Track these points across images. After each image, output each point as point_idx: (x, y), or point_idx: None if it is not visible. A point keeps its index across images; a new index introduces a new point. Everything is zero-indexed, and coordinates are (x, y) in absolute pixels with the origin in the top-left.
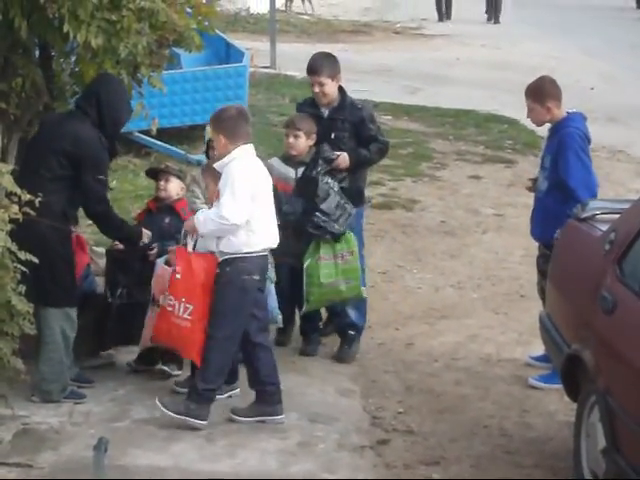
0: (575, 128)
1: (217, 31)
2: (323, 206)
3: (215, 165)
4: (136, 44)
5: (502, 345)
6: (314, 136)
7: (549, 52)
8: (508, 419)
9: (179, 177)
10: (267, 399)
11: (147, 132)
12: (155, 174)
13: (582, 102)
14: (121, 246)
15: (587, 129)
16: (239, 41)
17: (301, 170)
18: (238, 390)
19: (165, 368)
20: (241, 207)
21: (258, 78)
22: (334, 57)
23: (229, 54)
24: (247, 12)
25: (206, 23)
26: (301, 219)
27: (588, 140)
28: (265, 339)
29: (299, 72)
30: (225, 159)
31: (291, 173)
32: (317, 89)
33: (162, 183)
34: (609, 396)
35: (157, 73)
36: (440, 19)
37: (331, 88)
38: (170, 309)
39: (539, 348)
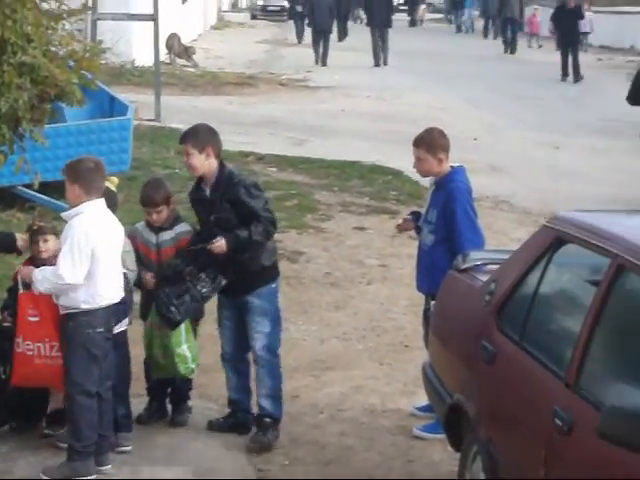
0: (461, 182)
1: (100, 84)
2: (168, 290)
3: (62, 215)
4: (17, 99)
5: (387, 396)
6: (173, 199)
7: (433, 103)
8: (393, 470)
9: (55, 233)
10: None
11: (30, 186)
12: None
13: (466, 152)
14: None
15: (469, 182)
16: (124, 94)
17: (162, 235)
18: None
19: (49, 432)
20: (78, 266)
21: (143, 131)
22: (207, 129)
23: (113, 107)
24: (132, 65)
25: (89, 77)
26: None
27: (471, 193)
28: (105, 391)
29: (184, 125)
30: (72, 211)
31: (153, 239)
32: (184, 158)
33: (41, 244)
34: (491, 446)
35: (39, 127)
36: (317, 62)
37: (198, 160)
38: (31, 353)
39: (423, 398)
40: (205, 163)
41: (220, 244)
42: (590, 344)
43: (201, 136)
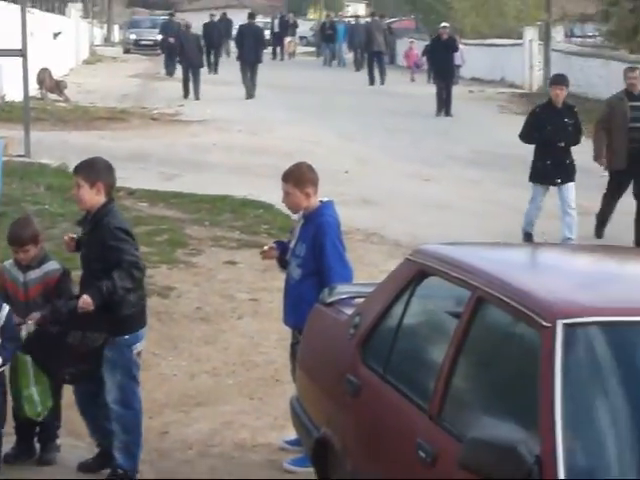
0: (330, 216)
1: None
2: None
3: None
4: None
5: (257, 430)
6: (41, 238)
7: (305, 136)
8: None
9: None
10: None
11: None
12: None
13: (337, 185)
14: None
15: (338, 216)
16: None
17: (29, 273)
18: None
19: None
20: None
21: (12, 167)
22: (103, 164)
23: None
24: (2, 100)
25: None
26: None
27: (339, 227)
28: None
29: (54, 160)
30: None
31: (20, 277)
32: (74, 190)
33: None
34: (357, 479)
35: None
36: (186, 96)
37: (87, 194)
38: None
39: (293, 432)
40: (95, 198)
41: (85, 303)
42: (452, 376)
43: (95, 170)
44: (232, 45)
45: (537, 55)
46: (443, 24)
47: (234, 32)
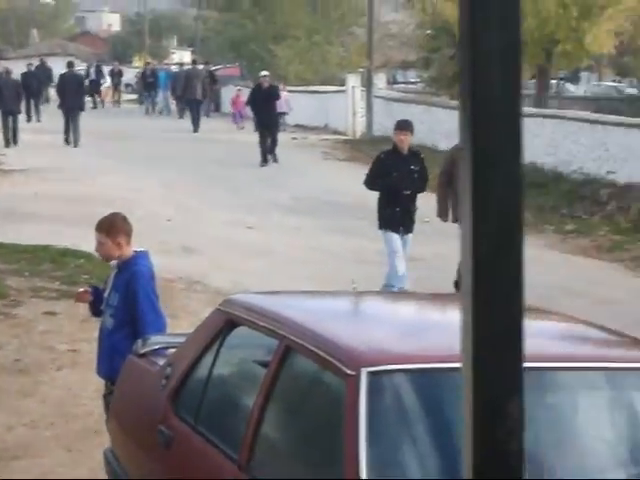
0: (144, 266)
1: None
2: None
3: None
4: None
5: None
6: None
7: (128, 184)
8: None
9: None
10: None
11: None
12: None
13: (159, 233)
14: None
15: (152, 266)
16: None
17: None
18: None
19: None
20: None
21: None
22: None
23: None
24: None
25: None
26: None
27: (153, 277)
28: None
29: None
30: None
31: None
32: None
33: None
34: None
35: None
36: (7, 144)
37: None
38: None
39: None
40: None
41: None
42: (260, 425)
43: None
44: (52, 92)
45: (360, 101)
46: (263, 73)
47: (55, 79)
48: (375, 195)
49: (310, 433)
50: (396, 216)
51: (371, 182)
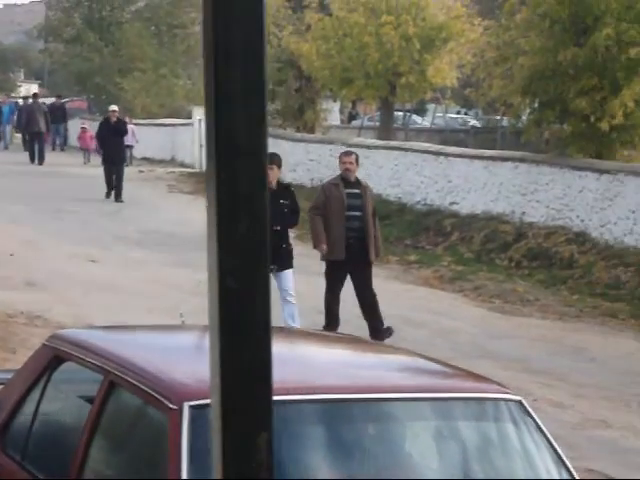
0: None
1: None
2: None
3: None
4: None
5: None
6: None
7: None
8: None
9: None
10: None
11: None
12: None
13: (1, 268)
14: None
15: None
16: None
17: None
18: None
19: None
20: None
21: None
22: None
23: None
24: None
25: None
26: None
27: None
28: None
29: None
30: None
31: None
32: None
33: None
34: None
35: None
36: None
37: None
38: None
39: None
40: None
41: None
42: (86, 461)
43: None
44: None
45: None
46: (111, 107)
47: None
48: None
49: (135, 468)
50: None
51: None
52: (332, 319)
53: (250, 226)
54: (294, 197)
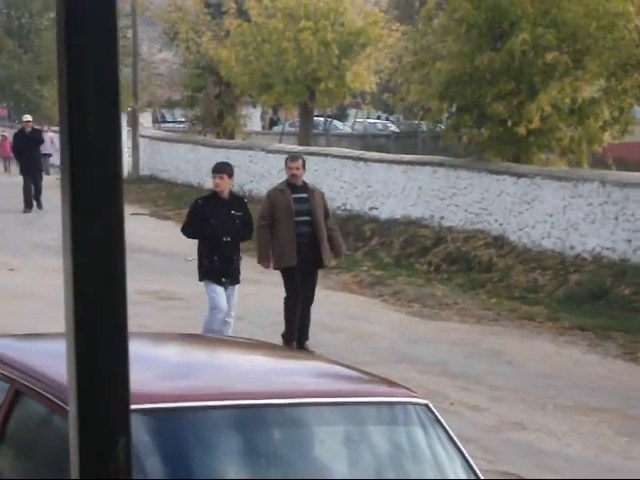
0: None
1: None
2: None
3: None
4: None
5: None
6: None
7: None
8: None
9: None
10: None
11: None
12: None
13: None
14: None
15: None
16: None
17: None
18: None
19: None
20: None
21: None
22: None
23: None
24: None
25: None
26: None
27: None
28: None
29: None
30: None
31: None
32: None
33: None
34: None
35: None
36: None
37: None
38: None
39: None
40: None
41: None
42: None
43: None
44: None
45: (127, 141)
46: (25, 118)
47: None
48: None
49: (40, 476)
50: (215, 266)
51: (188, 229)
52: (291, 329)
53: (105, 229)
54: (246, 208)
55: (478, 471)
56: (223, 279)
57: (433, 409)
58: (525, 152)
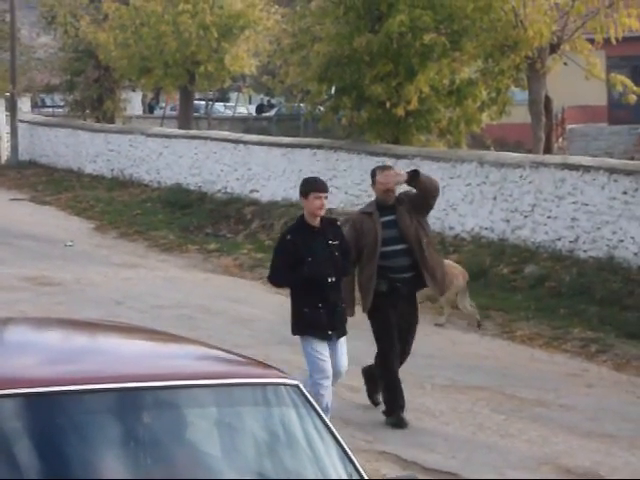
0: None
1: None
2: None
3: None
4: None
5: None
6: None
7: None
8: None
9: None
10: None
11: None
12: None
13: None
14: None
15: None
16: None
17: None
18: None
19: None
20: None
21: None
22: None
23: None
24: None
25: None
26: None
27: None
28: None
29: None
30: None
31: None
32: None
33: None
34: None
35: None
36: None
37: None
38: None
39: None
40: None
41: None
42: None
43: None
44: None
45: (5, 126)
46: None
47: None
48: None
49: None
50: (321, 316)
51: (280, 277)
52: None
53: None
54: (342, 234)
55: (348, 450)
56: (329, 332)
57: (304, 390)
58: (404, 133)
